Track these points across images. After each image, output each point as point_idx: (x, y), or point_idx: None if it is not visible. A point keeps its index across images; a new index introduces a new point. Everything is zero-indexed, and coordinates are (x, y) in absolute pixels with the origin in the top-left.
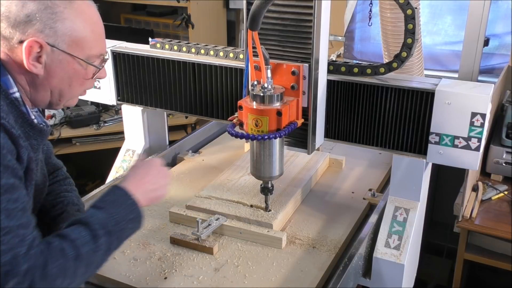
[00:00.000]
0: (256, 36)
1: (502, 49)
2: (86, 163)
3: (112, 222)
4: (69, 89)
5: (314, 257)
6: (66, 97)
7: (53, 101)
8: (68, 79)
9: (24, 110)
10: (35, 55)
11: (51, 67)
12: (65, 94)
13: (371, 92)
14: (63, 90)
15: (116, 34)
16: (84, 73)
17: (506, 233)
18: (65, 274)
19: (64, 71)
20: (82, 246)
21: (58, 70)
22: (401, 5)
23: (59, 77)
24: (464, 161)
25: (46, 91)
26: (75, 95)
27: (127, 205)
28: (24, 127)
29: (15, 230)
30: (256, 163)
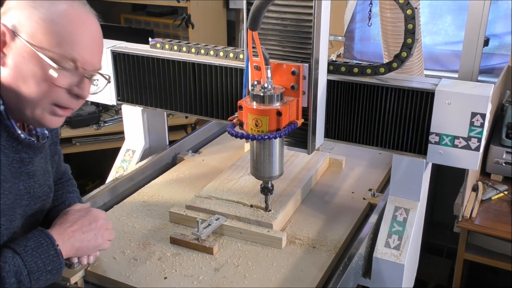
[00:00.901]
0: (256, 36)
1: (502, 49)
2: (86, 163)
3: (26, 271)
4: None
5: (314, 257)
6: (29, 106)
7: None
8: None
9: (8, 124)
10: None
11: (15, 61)
12: (26, 100)
13: (371, 92)
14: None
15: (116, 34)
16: (51, 75)
17: (506, 233)
18: None
19: (27, 68)
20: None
21: (22, 66)
22: (401, 5)
23: (23, 75)
24: (464, 161)
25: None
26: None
27: (48, 255)
28: (10, 141)
29: None
30: (256, 163)
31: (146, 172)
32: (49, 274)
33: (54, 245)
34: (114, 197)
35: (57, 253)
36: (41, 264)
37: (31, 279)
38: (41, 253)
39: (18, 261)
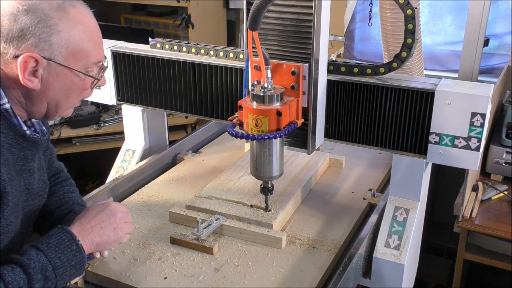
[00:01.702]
0: (256, 36)
1: (502, 49)
2: (86, 163)
3: (51, 267)
4: (66, 101)
5: (314, 257)
6: (63, 108)
7: (49, 113)
8: (66, 91)
9: (15, 122)
10: (31, 70)
11: (48, 80)
12: (62, 106)
13: (371, 92)
14: (60, 102)
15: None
16: (82, 84)
17: (506, 233)
18: None
19: (62, 83)
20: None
21: (55, 83)
22: (401, 5)
23: (56, 90)
24: (464, 161)
25: (42, 103)
26: (72, 105)
27: (70, 250)
28: (16, 139)
29: None
30: (256, 163)
31: (146, 172)
32: (73, 269)
33: (75, 240)
34: (114, 197)
35: (79, 248)
36: (65, 259)
37: (56, 274)
38: (63, 248)
39: (42, 258)
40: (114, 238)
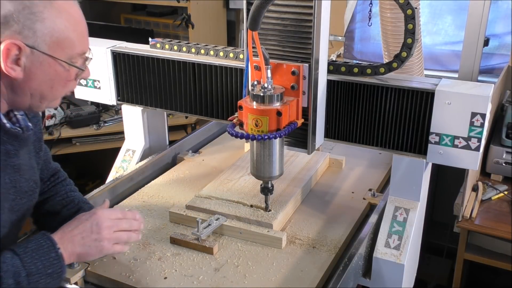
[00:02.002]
0: (256, 36)
1: (502, 49)
2: (86, 163)
3: (24, 273)
4: (51, 92)
5: (314, 257)
6: (48, 99)
7: (33, 104)
8: (50, 81)
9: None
10: (13, 58)
11: (31, 69)
12: (46, 97)
13: (371, 92)
14: (44, 93)
15: (116, 34)
16: (67, 75)
17: (506, 233)
18: None
19: (45, 73)
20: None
21: (38, 73)
22: (401, 5)
23: (39, 79)
24: (464, 161)
25: (25, 94)
26: (57, 97)
27: (48, 257)
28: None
29: None
30: (256, 163)
31: (146, 172)
32: (49, 277)
33: (55, 248)
34: (114, 197)
35: (58, 256)
36: (41, 266)
37: (29, 281)
38: (41, 255)
39: (17, 262)
40: (96, 250)
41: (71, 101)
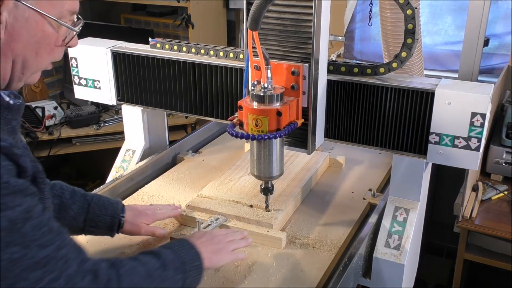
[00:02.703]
0: (256, 36)
1: (502, 49)
2: (86, 163)
3: (179, 261)
4: (35, 58)
5: (314, 257)
6: (31, 69)
7: (14, 76)
8: (36, 45)
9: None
10: None
11: (15, 27)
12: (30, 65)
13: (371, 92)
14: (28, 59)
15: (116, 34)
16: (55, 38)
17: (506, 233)
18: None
19: (31, 33)
20: (153, 270)
21: (23, 32)
22: (401, 5)
23: (24, 41)
24: (464, 161)
25: (7, 61)
26: (40, 66)
27: (192, 252)
28: (1, 113)
29: (55, 255)
30: (256, 163)
31: (146, 172)
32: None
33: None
34: (114, 197)
35: (198, 253)
36: (190, 257)
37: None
38: (186, 249)
39: (170, 252)
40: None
41: (71, 101)
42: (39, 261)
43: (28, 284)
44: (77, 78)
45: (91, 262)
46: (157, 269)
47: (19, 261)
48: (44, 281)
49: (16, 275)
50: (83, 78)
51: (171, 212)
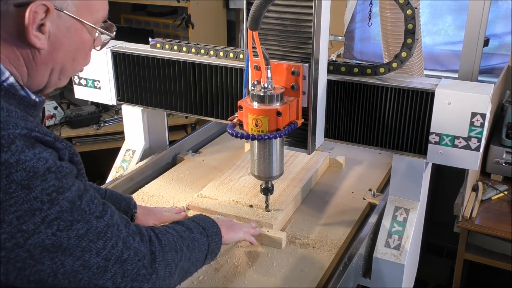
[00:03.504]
0: (256, 36)
1: (502, 49)
2: (86, 163)
3: (201, 227)
4: (72, 65)
5: (314, 257)
6: (67, 74)
7: (51, 82)
8: (74, 52)
9: (23, 94)
10: (37, 24)
11: (57, 37)
12: (66, 71)
13: (371, 92)
14: (65, 66)
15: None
16: (91, 43)
17: (506, 233)
18: (175, 248)
19: (72, 41)
20: (182, 231)
21: (64, 41)
22: (401, 5)
23: (65, 49)
24: (464, 161)
25: (46, 69)
26: (76, 71)
27: (209, 221)
28: (27, 111)
29: (111, 223)
30: (256, 163)
31: (146, 172)
32: (216, 235)
33: (211, 218)
34: None
35: (215, 222)
36: (209, 224)
37: (208, 234)
38: (204, 218)
39: (188, 221)
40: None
41: (71, 101)
42: (101, 231)
43: (93, 254)
44: (77, 78)
45: (133, 224)
46: (185, 231)
47: (85, 236)
48: (107, 248)
49: (82, 248)
50: (83, 78)
51: (175, 216)
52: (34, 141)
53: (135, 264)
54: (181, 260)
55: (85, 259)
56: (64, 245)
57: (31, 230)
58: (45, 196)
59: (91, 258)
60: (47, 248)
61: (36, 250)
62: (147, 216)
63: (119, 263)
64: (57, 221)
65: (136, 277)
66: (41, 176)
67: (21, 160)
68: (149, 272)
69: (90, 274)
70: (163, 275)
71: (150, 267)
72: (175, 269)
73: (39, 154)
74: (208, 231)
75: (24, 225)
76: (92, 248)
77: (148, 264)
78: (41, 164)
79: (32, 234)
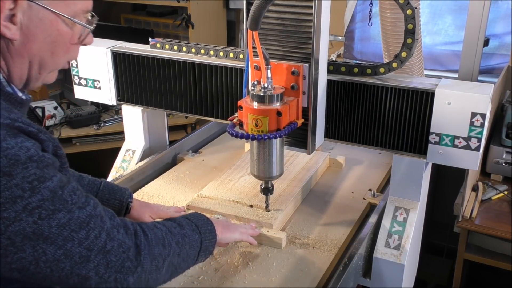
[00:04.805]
0: (256, 36)
1: (502, 49)
2: (86, 163)
3: (193, 224)
4: (52, 58)
5: (314, 257)
6: (48, 68)
7: (31, 76)
8: (51, 44)
9: (9, 90)
10: (7, 14)
11: (30, 28)
12: (46, 65)
13: (371, 92)
14: (44, 59)
15: (116, 34)
16: (70, 36)
17: (506, 233)
18: (163, 243)
19: (46, 33)
20: (172, 228)
21: (38, 32)
22: (401, 5)
23: (39, 41)
24: (464, 161)
25: (23, 61)
26: (58, 65)
27: (203, 218)
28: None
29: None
30: (256, 163)
31: (146, 172)
32: (210, 233)
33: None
34: None
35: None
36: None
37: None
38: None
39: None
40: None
41: (71, 101)
42: (83, 221)
43: (75, 244)
44: (77, 78)
45: (118, 218)
46: (175, 227)
47: (67, 225)
48: (89, 238)
49: (64, 238)
50: (83, 78)
51: (173, 214)
52: (17, 131)
53: (119, 255)
54: (169, 255)
55: (67, 248)
56: (46, 234)
57: (12, 218)
58: (26, 184)
59: (73, 248)
60: (28, 236)
61: (17, 238)
62: (144, 208)
63: (102, 254)
64: (38, 210)
65: (120, 269)
66: (22, 164)
67: (3, 147)
68: (134, 265)
69: (72, 263)
70: (149, 269)
71: (135, 259)
72: (162, 264)
73: (21, 143)
74: (201, 229)
75: (5, 213)
76: (74, 238)
77: (133, 256)
78: (22, 153)
79: (13, 221)
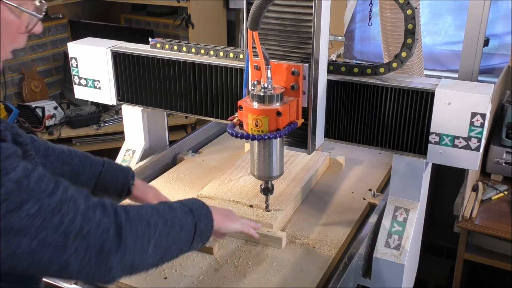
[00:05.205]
0: (256, 36)
1: (502, 49)
2: None
3: (186, 207)
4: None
5: (314, 257)
6: None
7: None
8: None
9: None
10: None
11: None
12: None
13: (371, 92)
14: None
15: (116, 34)
16: (17, 25)
17: (506, 233)
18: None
19: None
20: (160, 209)
21: None
22: (401, 5)
23: None
24: (464, 161)
25: None
26: (3, 56)
27: (198, 203)
28: None
29: (65, 198)
30: (256, 163)
31: (146, 172)
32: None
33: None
34: None
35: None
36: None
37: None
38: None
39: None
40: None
41: (71, 101)
42: (55, 208)
43: (50, 232)
44: (77, 78)
45: (95, 198)
46: (164, 209)
47: (38, 214)
48: (64, 224)
49: (37, 228)
50: (83, 78)
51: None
52: None
53: (98, 237)
54: (155, 235)
55: (41, 237)
56: (16, 226)
57: None
58: None
59: (48, 236)
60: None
61: None
62: (147, 188)
63: (79, 238)
64: (5, 203)
65: (101, 251)
66: None
67: None
68: (116, 244)
69: (50, 252)
70: (133, 248)
71: (116, 238)
72: (147, 243)
73: None
74: (195, 212)
75: None
76: (48, 226)
77: (113, 236)
78: None
79: None
